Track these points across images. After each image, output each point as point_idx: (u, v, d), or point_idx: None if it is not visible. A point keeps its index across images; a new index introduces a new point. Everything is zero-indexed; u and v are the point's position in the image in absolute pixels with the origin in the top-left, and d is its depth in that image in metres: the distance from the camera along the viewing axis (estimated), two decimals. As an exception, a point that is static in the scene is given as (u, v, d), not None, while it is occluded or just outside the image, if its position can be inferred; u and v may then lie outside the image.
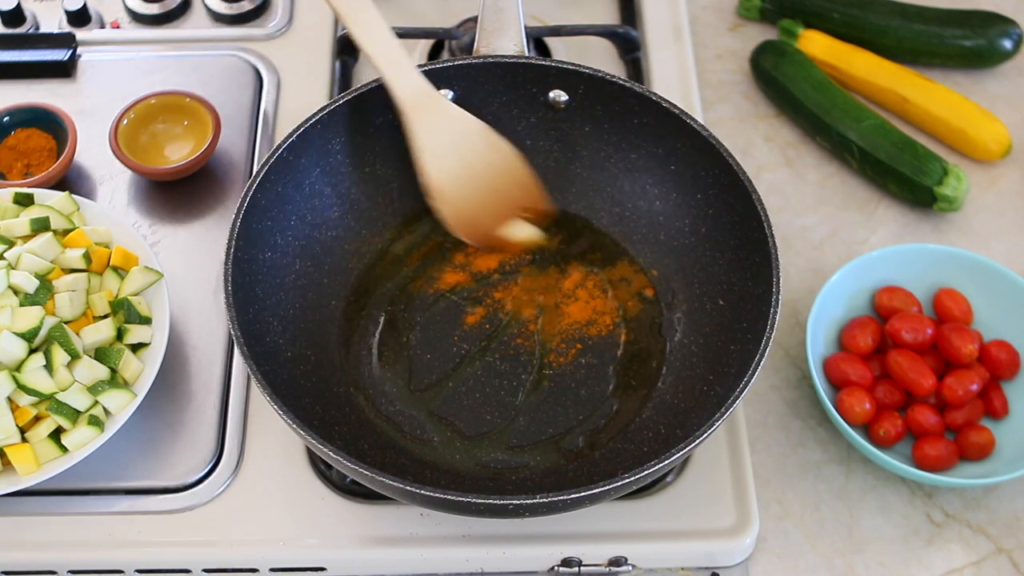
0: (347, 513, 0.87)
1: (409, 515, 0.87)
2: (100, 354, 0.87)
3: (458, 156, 0.91)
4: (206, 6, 1.18)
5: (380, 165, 0.98)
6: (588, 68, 0.94)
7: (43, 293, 0.87)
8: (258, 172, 0.88)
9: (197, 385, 0.93)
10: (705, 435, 0.77)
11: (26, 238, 0.91)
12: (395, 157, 0.98)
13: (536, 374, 0.92)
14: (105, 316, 0.89)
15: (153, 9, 1.17)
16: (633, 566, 0.86)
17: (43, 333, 0.85)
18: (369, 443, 0.88)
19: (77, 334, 0.87)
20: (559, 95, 0.97)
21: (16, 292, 0.87)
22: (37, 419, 0.85)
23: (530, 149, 1.00)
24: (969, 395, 0.91)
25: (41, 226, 0.92)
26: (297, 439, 0.90)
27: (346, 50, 1.14)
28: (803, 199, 1.08)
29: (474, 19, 1.04)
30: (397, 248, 0.99)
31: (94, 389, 0.85)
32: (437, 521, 0.86)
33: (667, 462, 0.76)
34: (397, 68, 0.87)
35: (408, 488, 0.74)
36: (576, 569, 0.86)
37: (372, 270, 0.97)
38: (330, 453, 0.76)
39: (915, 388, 0.92)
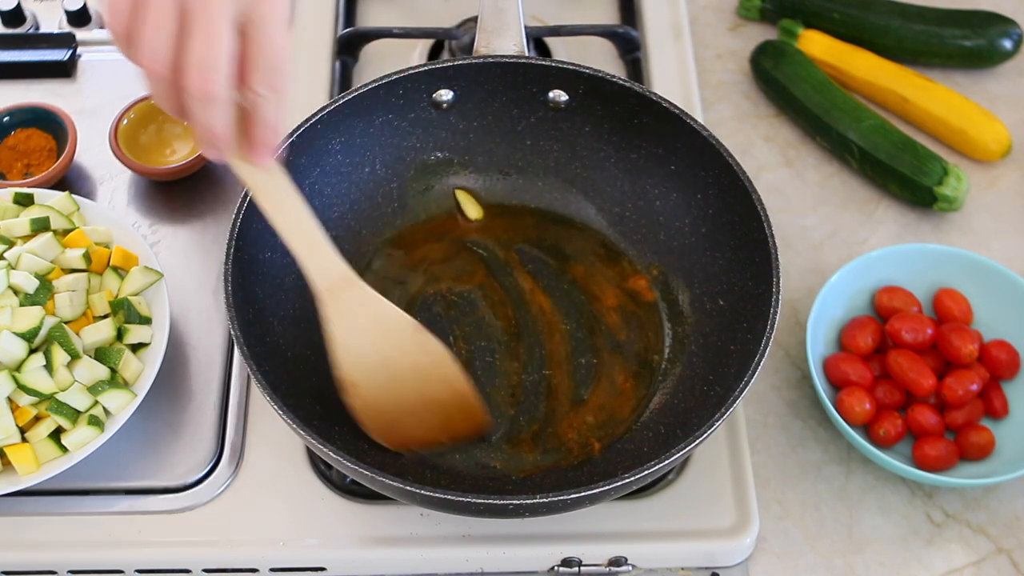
0: (347, 513, 0.87)
1: (409, 515, 0.87)
2: (100, 354, 0.87)
3: (377, 350, 0.82)
4: (206, 6, 1.18)
5: (380, 165, 0.98)
6: (588, 68, 0.94)
7: (43, 293, 0.87)
8: (258, 172, 0.88)
9: (197, 385, 0.93)
10: (705, 435, 0.77)
11: (26, 238, 0.91)
12: (395, 157, 0.99)
13: (536, 374, 0.92)
14: (105, 316, 0.89)
15: (153, 9, 1.17)
16: (633, 566, 0.86)
17: (43, 333, 0.85)
18: (369, 443, 0.88)
19: (77, 334, 0.87)
20: (559, 95, 0.97)
21: (16, 292, 0.87)
22: (37, 419, 0.85)
23: (530, 149, 1.00)
24: (969, 395, 0.91)
25: (41, 226, 0.92)
26: (297, 439, 0.90)
27: (346, 50, 1.14)
28: (803, 199, 1.08)
29: (474, 19, 1.04)
30: (397, 248, 0.99)
31: (94, 389, 0.85)
32: (437, 521, 0.86)
33: (667, 462, 0.76)
34: (315, 251, 0.79)
35: (408, 488, 0.74)
36: (576, 569, 0.86)
37: (372, 270, 0.97)
38: (330, 453, 0.76)
39: (915, 388, 0.92)
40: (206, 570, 0.87)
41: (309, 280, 0.80)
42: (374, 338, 0.81)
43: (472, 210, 0.99)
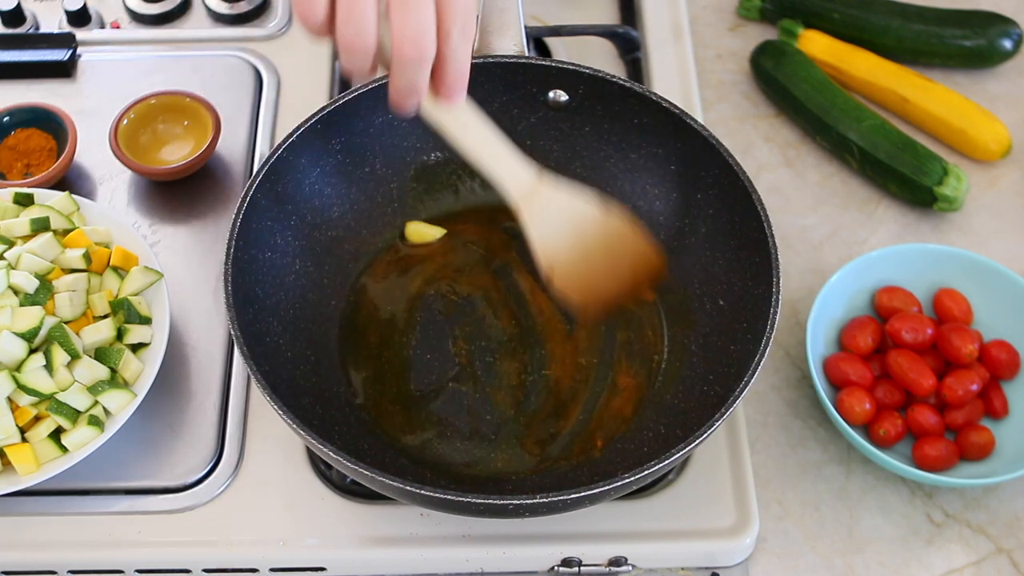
0: (347, 513, 0.87)
1: (409, 515, 0.87)
2: (100, 354, 0.87)
3: (569, 237, 0.88)
4: (206, 6, 1.18)
5: (380, 165, 0.98)
6: (588, 68, 0.94)
7: (43, 293, 0.87)
8: (258, 172, 0.88)
9: (197, 385, 0.93)
10: (705, 435, 0.77)
11: (26, 238, 0.91)
12: (395, 157, 0.99)
13: (536, 374, 0.92)
14: (105, 316, 0.89)
15: (153, 9, 1.17)
16: (633, 566, 0.86)
17: (43, 333, 0.85)
18: (369, 443, 0.88)
19: (77, 334, 0.87)
20: (559, 95, 0.97)
21: (16, 292, 0.87)
22: (37, 419, 0.85)
23: (530, 149, 0.99)
24: (969, 395, 0.91)
25: (41, 226, 0.92)
26: (297, 439, 0.90)
27: (346, 50, 1.14)
28: (803, 199, 1.08)
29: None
30: (397, 248, 0.99)
31: (94, 389, 0.85)
32: (437, 521, 0.86)
33: (667, 462, 0.76)
34: (506, 167, 0.84)
35: (408, 488, 0.74)
36: (576, 569, 0.86)
37: (372, 270, 0.97)
38: (330, 453, 0.76)
39: (915, 388, 0.92)
40: (206, 570, 0.87)
41: (504, 193, 0.85)
42: (567, 229, 0.88)
43: (428, 233, 0.99)
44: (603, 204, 0.89)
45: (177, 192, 1.04)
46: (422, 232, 0.99)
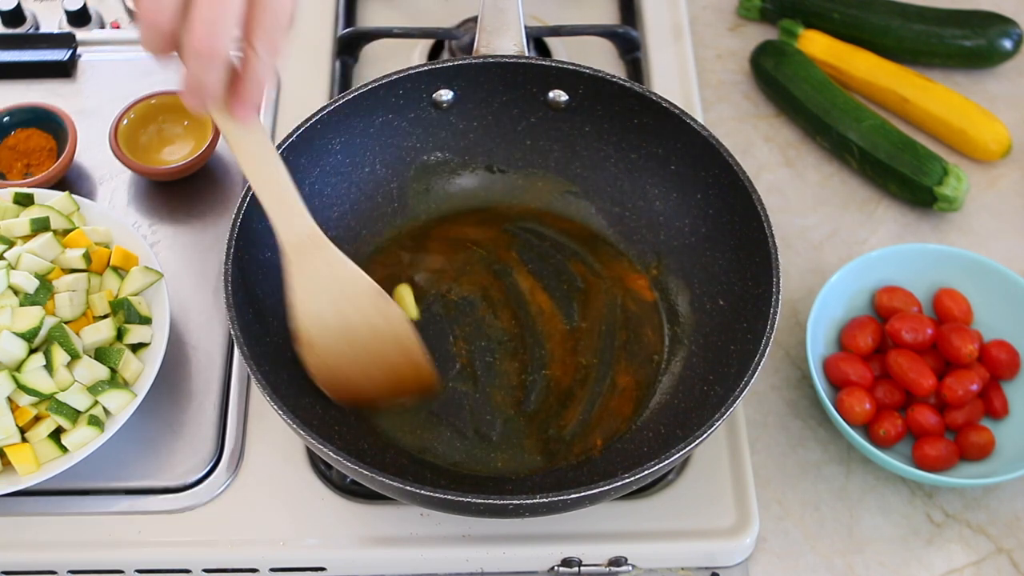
0: (347, 513, 0.87)
1: (409, 515, 0.87)
2: (100, 354, 0.87)
3: (336, 309, 0.83)
4: (206, 6, 1.18)
5: (380, 165, 0.98)
6: (588, 68, 0.94)
7: (43, 293, 0.87)
8: (258, 172, 0.88)
9: (197, 385, 0.93)
10: (705, 435, 0.77)
11: (26, 238, 0.91)
12: (395, 157, 0.99)
13: (536, 374, 0.92)
14: (105, 316, 0.89)
15: (153, 9, 1.17)
16: (633, 566, 0.86)
17: (43, 333, 0.85)
18: (369, 443, 0.88)
19: (77, 334, 0.87)
20: (559, 95, 0.97)
21: (16, 292, 0.87)
22: (37, 419, 0.85)
23: (530, 149, 1.00)
24: (969, 395, 0.91)
25: (41, 226, 0.92)
26: (297, 439, 0.90)
27: (346, 50, 1.14)
28: (803, 199, 1.08)
29: (474, 19, 1.04)
30: (396, 248, 0.99)
31: (94, 389, 0.85)
32: (437, 521, 0.86)
33: (667, 462, 0.76)
34: (285, 207, 0.79)
35: (408, 488, 0.74)
36: (576, 569, 0.86)
37: (371, 270, 0.97)
38: (330, 453, 0.76)
39: (915, 388, 0.92)
40: (206, 570, 0.87)
41: (277, 236, 0.80)
42: (334, 297, 0.82)
43: (411, 309, 0.94)
44: (384, 298, 0.83)
45: (177, 192, 1.04)
46: (404, 299, 0.94)
